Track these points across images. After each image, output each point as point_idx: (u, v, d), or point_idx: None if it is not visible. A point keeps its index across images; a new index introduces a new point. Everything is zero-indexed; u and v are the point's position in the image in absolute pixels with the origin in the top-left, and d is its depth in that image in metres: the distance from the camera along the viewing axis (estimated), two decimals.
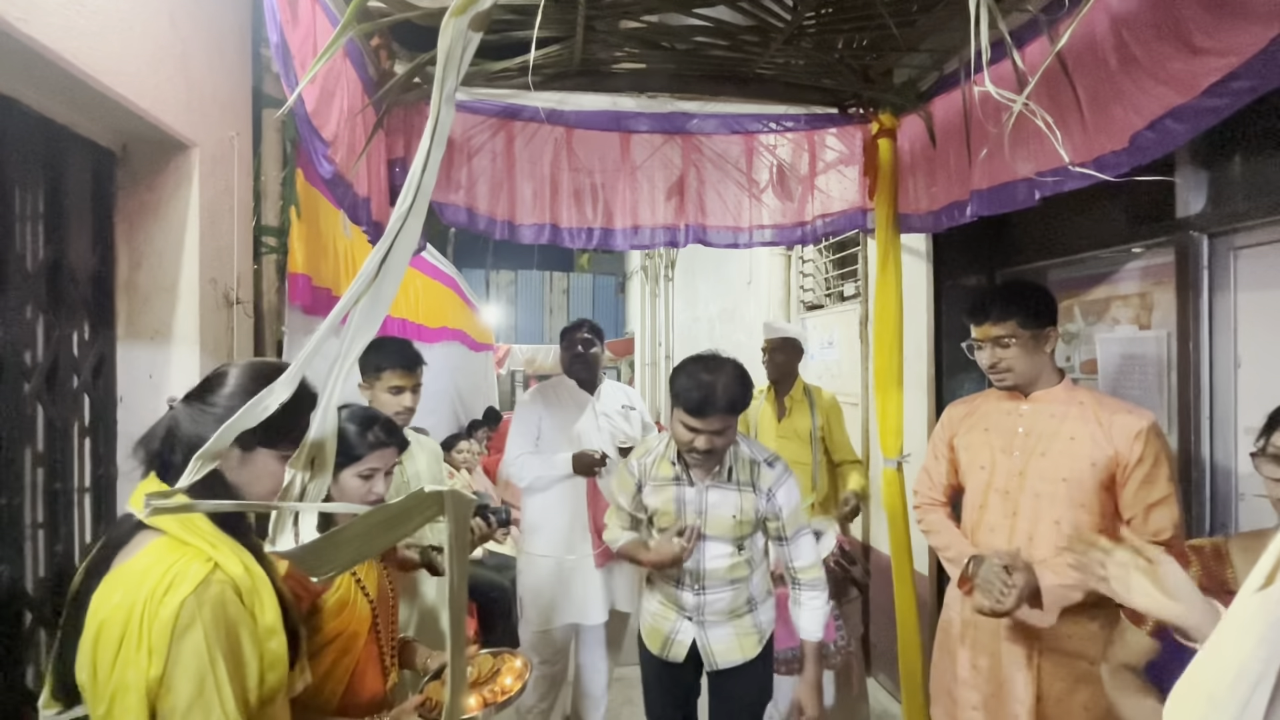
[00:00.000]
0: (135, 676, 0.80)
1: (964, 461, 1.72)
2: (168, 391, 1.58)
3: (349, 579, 1.33)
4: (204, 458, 0.49)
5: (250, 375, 1.02)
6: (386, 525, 0.44)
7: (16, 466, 1.29)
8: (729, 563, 1.74)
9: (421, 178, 0.42)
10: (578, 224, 2.19)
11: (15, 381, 1.28)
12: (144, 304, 1.59)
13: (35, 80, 1.22)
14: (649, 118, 2.21)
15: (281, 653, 0.93)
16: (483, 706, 1.28)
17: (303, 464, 0.48)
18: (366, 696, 1.28)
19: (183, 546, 0.88)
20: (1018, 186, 1.70)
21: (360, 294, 0.42)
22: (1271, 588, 0.22)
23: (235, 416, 0.47)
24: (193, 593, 0.83)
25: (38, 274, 1.35)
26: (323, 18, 1.44)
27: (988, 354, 1.60)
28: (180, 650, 0.81)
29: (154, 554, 0.87)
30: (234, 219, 1.78)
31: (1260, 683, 0.21)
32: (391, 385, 1.87)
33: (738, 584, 1.77)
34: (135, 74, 1.35)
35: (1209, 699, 0.23)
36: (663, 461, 1.78)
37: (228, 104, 1.76)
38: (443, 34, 0.43)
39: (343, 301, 0.43)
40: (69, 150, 1.43)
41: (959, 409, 1.81)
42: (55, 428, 1.39)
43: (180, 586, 0.83)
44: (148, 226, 1.60)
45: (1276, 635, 0.22)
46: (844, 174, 2.34)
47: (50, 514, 1.38)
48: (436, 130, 0.43)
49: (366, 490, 1.35)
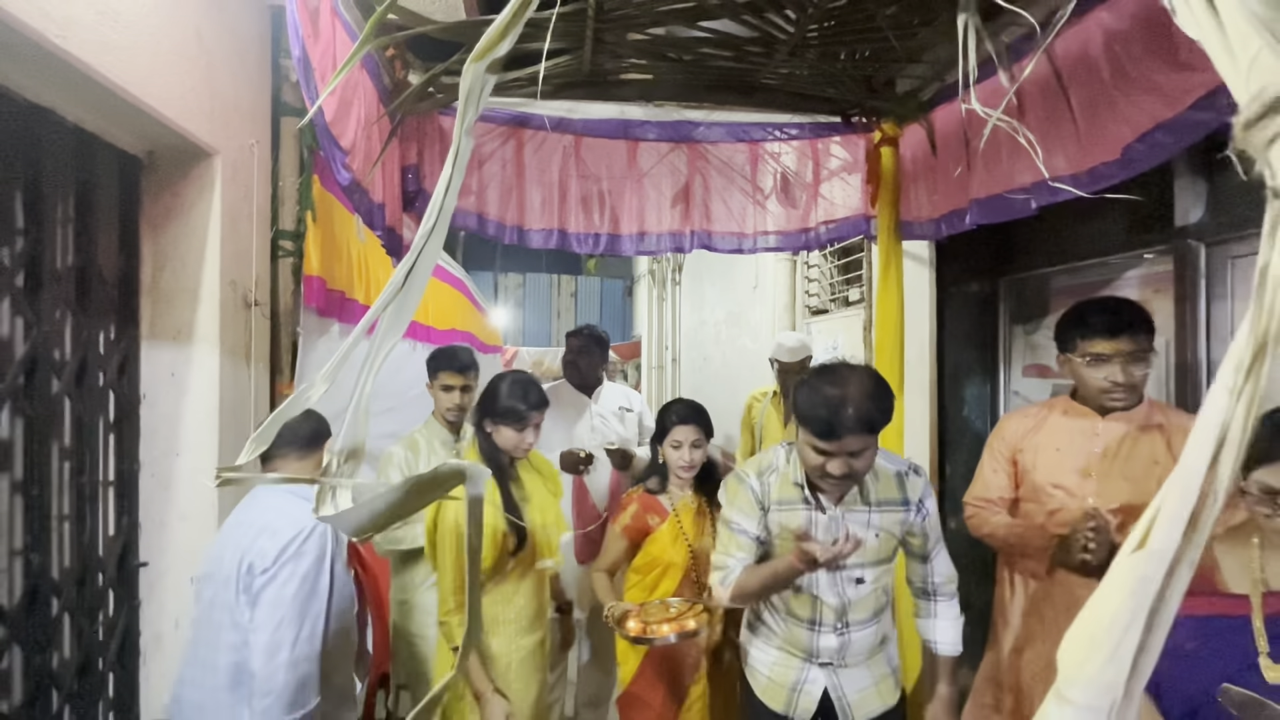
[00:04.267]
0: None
1: (1034, 480, 1.63)
2: (189, 390, 1.65)
3: (677, 531, 1.83)
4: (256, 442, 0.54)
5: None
6: (418, 491, 0.50)
7: (46, 460, 1.35)
8: (872, 590, 1.47)
9: (444, 200, 0.47)
10: (585, 229, 2.24)
11: (46, 379, 1.34)
12: (167, 305, 1.65)
13: (70, 91, 1.28)
14: (656, 126, 2.26)
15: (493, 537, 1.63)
16: (672, 633, 1.61)
17: (341, 456, 0.53)
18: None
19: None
20: (1015, 196, 1.73)
21: (388, 302, 0.47)
22: (1142, 550, 0.26)
23: (281, 407, 0.52)
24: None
25: (67, 276, 1.41)
26: (341, 32, 1.50)
27: (1117, 370, 1.47)
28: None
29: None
30: (253, 224, 1.85)
31: (1130, 628, 0.25)
32: (444, 384, 2.16)
33: (880, 616, 1.52)
34: (163, 85, 1.42)
35: (1090, 641, 0.26)
36: (785, 482, 1.49)
37: (248, 113, 1.82)
38: (463, 77, 0.48)
39: (373, 309, 0.48)
40: (98, 157, 1.49)
41: (1022, 422, 1.70)
42: (82, 423, 1.45)
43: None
44: (172, 230, 1.66)
45: (1144, 589, 0.25)
46: (847, 181, 2.38)
47: (77, 506, 1.44)
48: (457, 159, 0.47)
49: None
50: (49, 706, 1.34)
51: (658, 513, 1.89)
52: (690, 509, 1.89)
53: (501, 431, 1.73)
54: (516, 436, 1.72)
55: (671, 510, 1.89)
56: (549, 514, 1.86)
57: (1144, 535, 0.27)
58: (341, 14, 1.47)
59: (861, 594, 1.46)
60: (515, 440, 1.73)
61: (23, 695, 1.29)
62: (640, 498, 1.92)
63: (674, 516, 1.88)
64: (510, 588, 1.77)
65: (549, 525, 1.85)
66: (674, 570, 1.85)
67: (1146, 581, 0.26)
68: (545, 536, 1.83)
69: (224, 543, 1.36)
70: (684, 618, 1.67)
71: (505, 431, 1.72)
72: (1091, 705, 0.25)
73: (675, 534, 1.86)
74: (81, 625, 1.44)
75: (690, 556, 1.85)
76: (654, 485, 1.92)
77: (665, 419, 1.90)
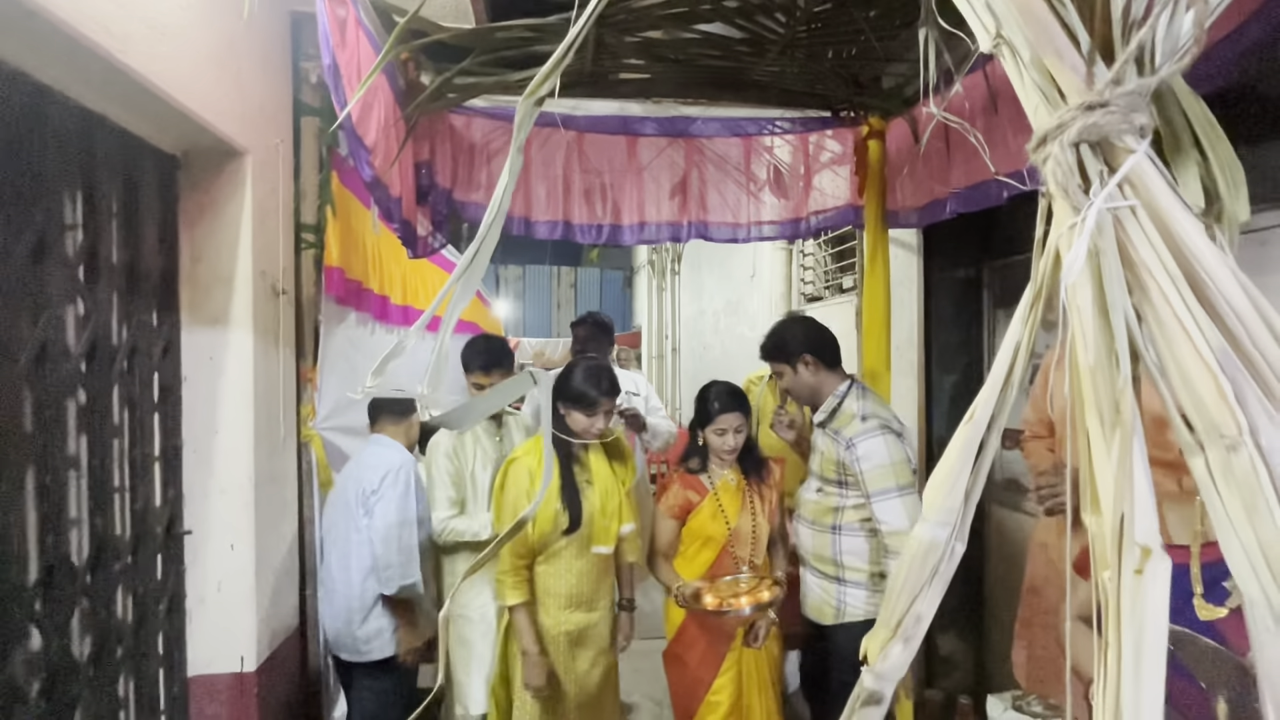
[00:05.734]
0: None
1: (1060, 401, 1.76)
2: (227, 372, 1.78)
3: (716, 508, 1.95)
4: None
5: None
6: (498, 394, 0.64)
7: (106, 434, 1.49)
8: None
9: (501, 201, 0.60)
10: (588, 221, 2.36)
11: (104, 361, 1.48)
12: (204, 294, 1.79)
13: (123, 97, 1.41)
14: (654, 122, 2.38)
15: (548, 513, 1.81)
16: (749, 605, 1.80)
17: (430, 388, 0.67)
18: (719, 577, 1.92)
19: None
20: (990, 186, 1.86)
21: (459, 277, 0.61)
22: (970, 421, 0.39)
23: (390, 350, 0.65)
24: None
25: (118, 268, 1.54)
26: (364, 40, 1.62)
27: None
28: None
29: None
30: (279, 218, 1.98)
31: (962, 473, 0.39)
32: (475, 383, 2.27)
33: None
34: (201, 90, 1.54)
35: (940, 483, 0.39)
36: None
37: (273, 114, 1.95)
38: (519, 111, 0.61)
39: (448, 283, 0.61)
40: (142, 158, 1.62)
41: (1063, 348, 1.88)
42: (134, 402, 1.59)
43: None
44: (205, 225, 1.79)
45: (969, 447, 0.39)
46: (837, 173, 2.50)
47: (130, 478, 1.58)
48: (511, 170, 0.61)
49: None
50: (114, 657, 1.49)
51: (698, 490, 1.98)
52: (730, 487, 1.99)
53: (573, 415, 1.86)
54: (586, 421, 1.85)
55: (711, 489, 1.98)
56: (611, 501, 1.92)
57: (971, 413, 0.40)
58: (364, 23, 1.59)
59: None
60: (585, 424, 1.85)
61: (91, 648, 1.43)
62: (681, 477, 2.02)
63: (713, 495, 1.97)
64: (563, 565, 1.87)
65: (608, 513, 1.91)
66: (712, 544, 1.96)
67: (970, 442, 0.39)
68: (604, 523, 1.90)
69: (344, 481, 2.05)
70: (757, 591, 1.82)
71: (576, 415, 1.85)
72: (942, 522, 0.39)
73: (714, 511, 1.96)
74: (136, 586, 1.58)
75: (728, 532, 1.95)
76: (694, 465, 2.01)
77: (707, 405, 1.96)
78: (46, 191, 1.31)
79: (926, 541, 0.39)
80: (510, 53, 1.92)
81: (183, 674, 1.74)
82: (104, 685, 1.46)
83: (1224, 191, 0.43)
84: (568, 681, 1.89)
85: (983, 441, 0.39)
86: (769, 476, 2.04)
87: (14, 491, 1.24)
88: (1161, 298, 0.32)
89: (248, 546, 1.80)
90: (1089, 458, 0.35)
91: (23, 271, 1.25)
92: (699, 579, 1.94)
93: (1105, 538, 0.32)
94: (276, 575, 1.95)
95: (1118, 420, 0.32)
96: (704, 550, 1.98)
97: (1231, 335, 0.31)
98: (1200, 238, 0.33)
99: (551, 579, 1.88)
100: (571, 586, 1.88)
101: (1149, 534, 0.31)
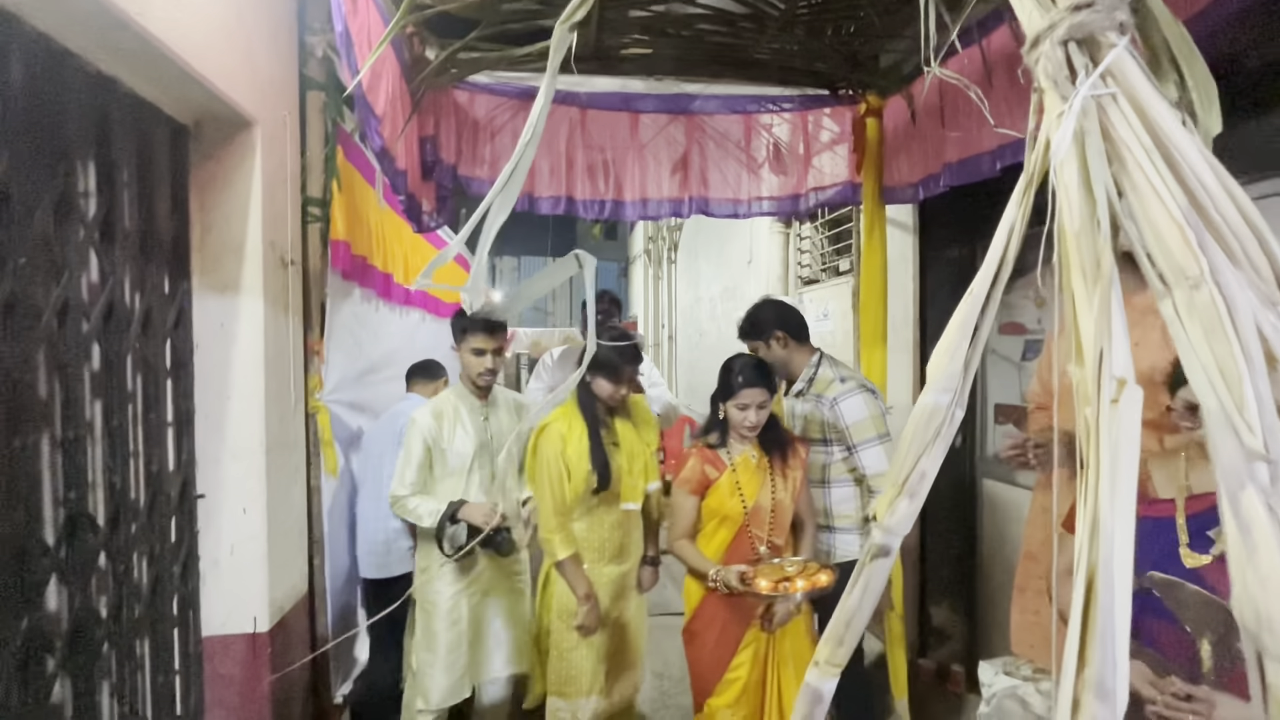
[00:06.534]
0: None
1: (1057, 368, 1.82)
2: (238, 340, 1.82)
3: (734, 485, 1.91)
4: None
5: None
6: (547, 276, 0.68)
7: (123, 398, 1.52)
8: None
9: (536, 125, 0.65)
10: (591, 196, 2.40)
11: (120, 326, 1.51)
12: (215, 263, 1.81)
13: (137, 63, 1.43)
14: (655, 99, 2.42)
15: (580, 473, 1.93)
16: (806, 589, 1.75)
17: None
18: (736, 557, 1.91)
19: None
20: (982, 159, 1.91)
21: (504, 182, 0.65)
22: (970, 296, 0.44)
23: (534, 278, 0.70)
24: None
25: (132, 234, 1.57)
26: (374, 10, 1.65)
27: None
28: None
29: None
30: (287, 190, 2.00)
31: (960, 344, 0.44)
32: (475, 348, 2.11)
33: None
34: (214, 59, 1.57)
35: (943, 352, 0.44)
36: None
37: (282, 86, 1.97)
38: (554, 37, 0.65)
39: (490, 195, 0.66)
40: (154, 126, 1.64)
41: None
42: (149, 366, 1.62)
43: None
44: (217, 194, 1.82)
45: (968, 323, 0.44)
46: (835, 151, 2.55)
47: (145, 441, 1.61)
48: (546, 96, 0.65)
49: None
50: (133, 615, 1.53)
51: (716, 466, 1.94)
52: (750, 464, 1.93)
53: (599, 382, 1.96)
54: (611, 387, 1.96)
55: (730, 464, 1.93)
56: (636, 461, 2.04)
57: (971, 289, 0.45)
58: None
59: None
60: (610, 390, 1.97)
61: (109, 606, 1.46)
62: (700, 451, 1.97)
63: (731, 470, 1.92)
64: (595, 520, 2.02)
65: (635, 471, 2.03)
66: (729, 523, 1.92)
67: (969, 316, 0.44)
68: (631, 481, 2.03)
69: (383, 425, 2.44)
70: (813, 575, 1.77)
71: (601, 382, 1.96)
72: (944, 389, 0.44)
73: (732, 488, 1.91)
74: (153, 547, 1.62)
75: (745, 511, 1.91)
76: (714, 440, 1.96)
77: (730, 379, 1.90)
78: (63, 155, 1.33)
79: (930, 406, 0.44)
80: (516, 26, 1.95)
81: (198, 633, 1.78)
82: (123, 642, 1.50)
83: (1199, 107, 0.47)
84: (605, 627, 2.03)
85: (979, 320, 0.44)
86: (793, 455, 1.98)
87: (33, 451, 1.27)
88: (1138, 168, 0.37)
89: (259, 511, 1.84)
90: (1074, 314, 0.40)
91: (42, 232, 1.28)
92: (717, 560, 1.90)
93: (1087, 379, 0.37)
94: (287, 540, 1.99)
95: (1098, 275, 0.37)
96: (721, 529, 1.94)
97: (1196, 200, 0.36)
98: (1173, 120, 0.38)
99: (587, 533, 2.02)
100: (604, 540, 2.03)
101: (1124, 368, 0.36)
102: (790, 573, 1.78)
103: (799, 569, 1.80)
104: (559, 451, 1.95)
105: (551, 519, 1.95)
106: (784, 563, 1.84)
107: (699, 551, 1.94)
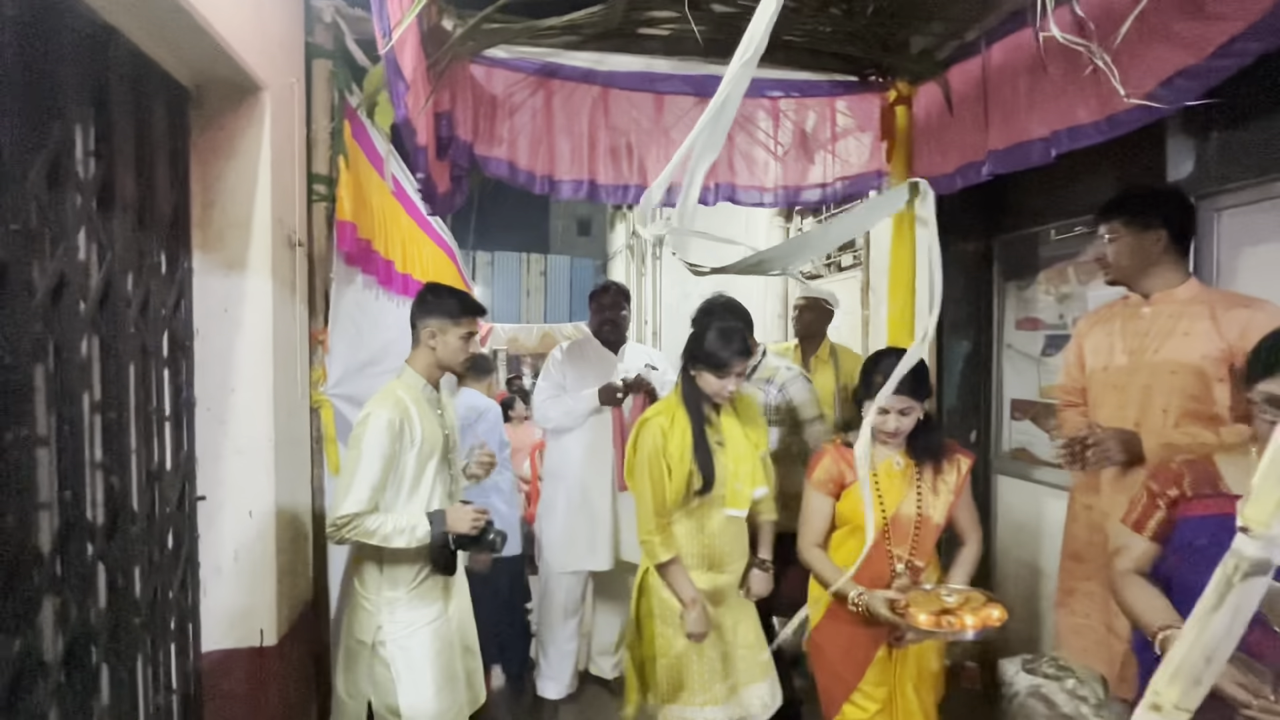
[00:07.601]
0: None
1: (1089, 364, 1.79)
2: (243, 325, 1.66)
3: (872, 490, 1.69)
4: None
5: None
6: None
7: (124, 385, 1.35)
8: None
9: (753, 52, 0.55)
10: (614, 181, 2.28)
11: (118, 306, 1.34)
12: (218, 240, 1.65)
13: (140, 9, 1.27)
14: (681, 80, 2.31)
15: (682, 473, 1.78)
16: (977, 627, 1.52)
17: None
18: (867, 574, 1.66)
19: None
20: (1033, 145, 1.85)
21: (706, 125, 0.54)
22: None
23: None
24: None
25: (129, 205, 1.40)
26: None
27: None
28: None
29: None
30: (295, 164, 1.84)
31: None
32: (468, 332, 1.77)
33: None
34: (223, 13, 1.41)
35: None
36: None
37: (290, 51, 1.81)
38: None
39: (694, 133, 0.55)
40: (153, 85, 1.47)
41: (1093, 316, 1.86)
42: (147, 352, 1.45)
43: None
44: (219, 165, 1.66)
45: None
46: (860, 139, 2.48)
47: (144, 436, 1.45)
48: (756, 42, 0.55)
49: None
50: (127, 629, 1.36)
51: (853, 466, 1.71)
52: (893, 471, 1.73)
53: (704, 376, 1.80)
54: (718, 383, 1.79)
55: (871, 470, 1.72)
56: (744, 464, 1.85)
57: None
58: None
59: None
60: (717, 386, 1.79)
61: (99, 618, 1.29)
62: (838, 448, 1.78)
63: (871, 476, 1.71)
64: (695, 524, 1.84)
65: (741, 475, 1.84)
66: (862, 533, 1.63)
67: None
68: (736, 485, 1.84)
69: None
70: (981, 609, 1.52)
71: (708, 377, 1.79)
72: None
73: (872, 494, 1.70)
74: (149, 554, 1.45)
75: (884, 521, 1.69)
76: (853, 439, 1.70)
77: (871, 378, 1.70)
78: (56, 104, 1.17)
79: None
80: None
81: (198, 648, 1.62)
82: (115, 659, 1.33)
83: None
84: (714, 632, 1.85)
85: None
86: (949, 465, 1.74)
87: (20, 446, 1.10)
88: None
89: (267, 513, 1.68)
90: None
91: (33, 196, 1.11)
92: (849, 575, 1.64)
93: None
94: (295, 543, 1.83)
95: None
96: (851, 538, 1.75)
97: None
98: None
99: (684, 539, 1.84)
100: (704, 547, 1.85)
101: None
102: (950, 604, 1.54)
103: (960, 600, 1.56)
104: (660, 447, 1.79)
105: (651, 519, 1.79)
106: (938, 590, 1.61)
107: (834, 565, 1.74)
